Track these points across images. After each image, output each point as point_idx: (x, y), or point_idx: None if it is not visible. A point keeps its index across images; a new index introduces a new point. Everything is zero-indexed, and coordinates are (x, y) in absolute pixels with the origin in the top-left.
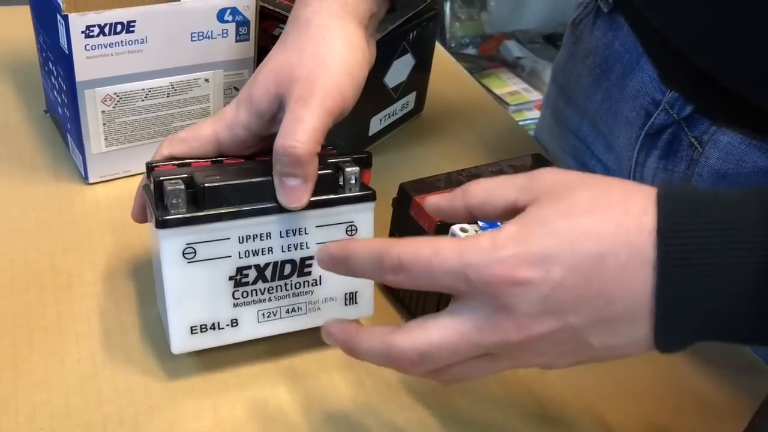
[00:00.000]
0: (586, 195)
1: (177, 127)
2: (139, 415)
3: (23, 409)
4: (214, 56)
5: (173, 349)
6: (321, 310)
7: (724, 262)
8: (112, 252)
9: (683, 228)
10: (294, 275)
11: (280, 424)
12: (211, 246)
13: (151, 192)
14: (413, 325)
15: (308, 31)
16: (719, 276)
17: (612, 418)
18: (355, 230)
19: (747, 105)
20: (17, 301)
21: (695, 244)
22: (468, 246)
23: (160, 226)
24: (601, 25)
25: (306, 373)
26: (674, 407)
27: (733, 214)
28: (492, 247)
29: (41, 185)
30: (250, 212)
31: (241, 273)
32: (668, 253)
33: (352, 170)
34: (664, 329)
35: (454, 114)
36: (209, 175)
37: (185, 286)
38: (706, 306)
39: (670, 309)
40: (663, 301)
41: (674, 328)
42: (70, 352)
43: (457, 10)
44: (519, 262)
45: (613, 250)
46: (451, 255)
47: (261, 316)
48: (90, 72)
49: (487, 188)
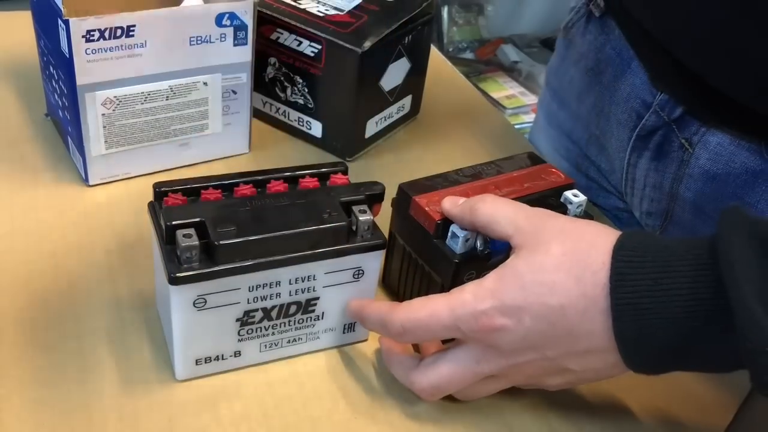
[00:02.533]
0: (557, 251)
1: (176, 130)
2: (138, 411)
3: (26, 404)
4: (212, 60)
5: (177, 376)
6: (320, 339)
7: (663, 305)
8: (112, 252)
9: (628, 279)
10: (298, 313)
11: (278, 421)
12: (221, 296)
13: (162, 228)
14: (427, 365)
15: None
16: (662, 316)
17: (602, 410)
18: (362, 274)
19: (736, 106)
20: (19, 300)
21: (638, 292)
22: (456, 303)
23: (172, 283)
24: (592, 29)
25: (305, 371)
26: (663, 400)
27: (670, 263)
28: (474, 301)
29: (42, 187)
30: (263, 266)
31: (248, 315)
32: (617, 301)
33: (366, 219)
34: (632, 359)
35: (449, 117)
36: (221, 221)
37: (193, 329)
38: (659, 339)
39: (629, 343)
40: (621, 338)
41: (640, 357)
42: (71, 349)
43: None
44: (496, 314)
45: (573, 302)
46: (444, 314)
47: (263, 347)
48: (90, 75)
49: (492, 215)
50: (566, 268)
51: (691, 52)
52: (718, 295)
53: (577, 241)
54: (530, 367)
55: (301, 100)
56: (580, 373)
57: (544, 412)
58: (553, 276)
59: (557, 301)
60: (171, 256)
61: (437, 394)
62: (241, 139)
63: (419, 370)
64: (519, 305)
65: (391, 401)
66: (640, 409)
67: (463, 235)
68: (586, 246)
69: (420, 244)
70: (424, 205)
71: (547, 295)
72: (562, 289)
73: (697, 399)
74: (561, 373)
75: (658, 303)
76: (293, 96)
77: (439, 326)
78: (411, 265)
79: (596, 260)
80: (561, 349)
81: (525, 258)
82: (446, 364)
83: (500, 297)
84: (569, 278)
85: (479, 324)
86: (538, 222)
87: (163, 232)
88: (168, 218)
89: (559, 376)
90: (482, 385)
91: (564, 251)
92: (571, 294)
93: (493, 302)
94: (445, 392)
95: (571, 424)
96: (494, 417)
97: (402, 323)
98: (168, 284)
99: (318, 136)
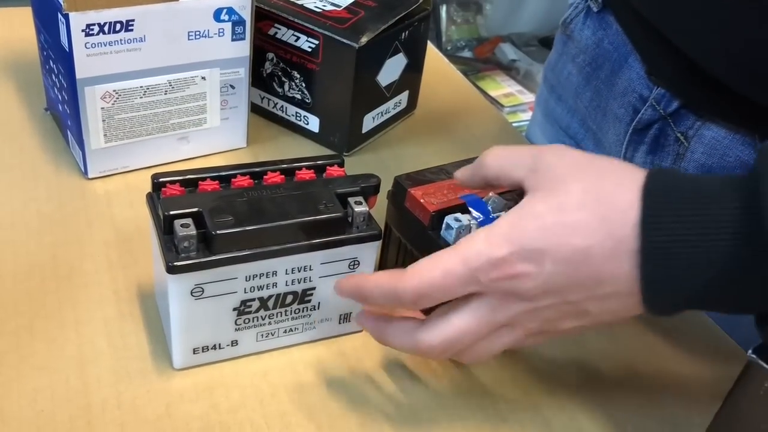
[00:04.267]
0: (577, 189)
1: (174, 123)
2: (136, 398)
3: (25, 392)
4: (210, 55)
5: (175, 365)
6: (316, 329)
7: (697, 251)
8: (110, 243)
9: (663, 222)
10: (295, 303)
11: (274, 407)
12: (218, 285)
13: (160, 218)
14: (437, 320)
15: None
16: (694, 262)
17: (595, 399)
18: (358, 264)
19: (731, 96)
20: (19, 290)
21: (673, 235)
22: (470, 254)
23: (170, 272)
24: (591, 24)
25: (300, 361)
26: (654, 390)
27: (708, 206)
28: (489, 248)
29: (42, 180)
30: (260, 255)
31: (245, 304)
32: (649, 244)
33: (362, 211)
34: (652, 302)
35: (446, 113)
36: (219, 212)
37: (190, 317)
38: (687, 284)
39: (654, 288)
40: (646, 282)
41: (661, 302)
42: (70, 338)
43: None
44: (515, 259)
45: (599, 242)
46: (458, 269)
47: (259, 336)
48: (90, 69)
49: (501, 165)
50: (590, 207)
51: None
52: (760, 237)
53: (598, 177)
54: (548, 311)
55: (298, 95)
56: (596, 315)
57: (535, 397)
58: (576, 215)
59: (582, 242)
60: (169, 246)
61: (448, 351)
62: (239, 134)
63: (426, 328)
64: (540, 248)
65: (386, 390)
66: (633, 398)
67: (456, 227)
68: (611, 184)
69: (415, 236)
70: (419, 197)
71: (570, 236)
72: (586, 229)
73: (688, 389)
74: (578, 316)
75: (692, 247)
76: (290, 91)
77: (457, 283)
78: (406, 256)
79: (623, 198)
80: (583, 293)
81: (543, 199)
82: (459, 315)
83: (519, 241)
84: (594, 218)
85: (499, 272)
86: (551, 160)
87: (162, 222)
88: (166, 208)
89: (576, 319)
90: (495, 338)
91: (585, 189)
92: (597, 234)
93: (511, 247)
94: (457, 348)
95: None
96: (486, 406)
97: (415, 289)
98: (166, 273)
99: (315, 131)
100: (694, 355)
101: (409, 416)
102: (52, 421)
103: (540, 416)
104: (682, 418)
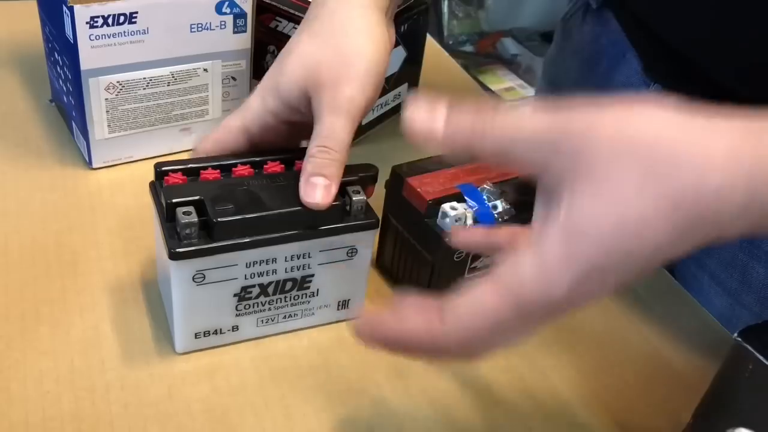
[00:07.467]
0: (629, 180)
1: (177, 114)
2: (139, 381)
3: (31, 374)
4: (212, 47)
5: (177, 349)
6: (315, 315)
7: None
8: (114, 232)
9: None
10: (294, 290)
11: (274, 391)
12: (219, 271)
13: (162, 206)
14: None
15: (333, 23)
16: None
17: (588, 386)
18: (356, 252)
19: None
20: (25, 276)
21: None
22: (520, 290)
23: (173, 258)
24: (589, 21)
25: (300, 346)
26: (647, 378)
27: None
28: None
29: (47, 170)
30: (260, 243)
31: (246, 291)
32: None
33: (360, 200)
34: None
35: None
36: (220, 200)
37: (192, 303)
38: None
39: None
40: None
41: None
42: (74, 323)
43: (455, 7)
44: (575, 295)
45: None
46: (507, 314)
47: (260, 322)
48: (94, 61)
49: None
50: (655, 203)
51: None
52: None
53: (649, 159)
54: None
55: None
56: None
57: (528, 386)
58: (640, 218)
59: (650, 242)
60: (171, 233)
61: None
62: None
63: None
64: (602, 267)
65: (383, 376)
66: (626, 386)
67: (452, 215)
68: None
69: (412, 224)
70: (417, 186)
71: (635, 239)
72: (653, 226)
73: (680, 377)
74: None
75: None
76: None
77: (505, 331)
78: (404, 245)
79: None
80: None
81: (589, 195)
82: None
83: (578, 266)
84: (660, 218)
85: (560, 313)
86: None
87: (164, 210)
88: (168, 196)
89: None
90: None
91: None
92: (666, 228)
93: (570, 282)
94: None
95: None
96: (483, 391)
97: (460, 343)
98: (168, 259)
99: None
100: (689, 345)
101: (406, 400)
102: (58, 402)
103: (531, 399)
104: (670, 401)
